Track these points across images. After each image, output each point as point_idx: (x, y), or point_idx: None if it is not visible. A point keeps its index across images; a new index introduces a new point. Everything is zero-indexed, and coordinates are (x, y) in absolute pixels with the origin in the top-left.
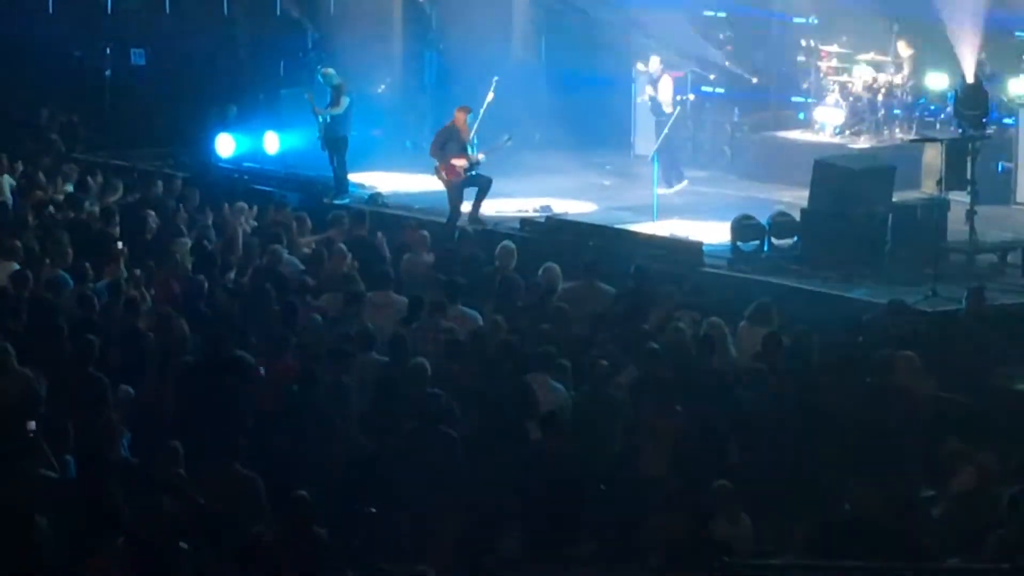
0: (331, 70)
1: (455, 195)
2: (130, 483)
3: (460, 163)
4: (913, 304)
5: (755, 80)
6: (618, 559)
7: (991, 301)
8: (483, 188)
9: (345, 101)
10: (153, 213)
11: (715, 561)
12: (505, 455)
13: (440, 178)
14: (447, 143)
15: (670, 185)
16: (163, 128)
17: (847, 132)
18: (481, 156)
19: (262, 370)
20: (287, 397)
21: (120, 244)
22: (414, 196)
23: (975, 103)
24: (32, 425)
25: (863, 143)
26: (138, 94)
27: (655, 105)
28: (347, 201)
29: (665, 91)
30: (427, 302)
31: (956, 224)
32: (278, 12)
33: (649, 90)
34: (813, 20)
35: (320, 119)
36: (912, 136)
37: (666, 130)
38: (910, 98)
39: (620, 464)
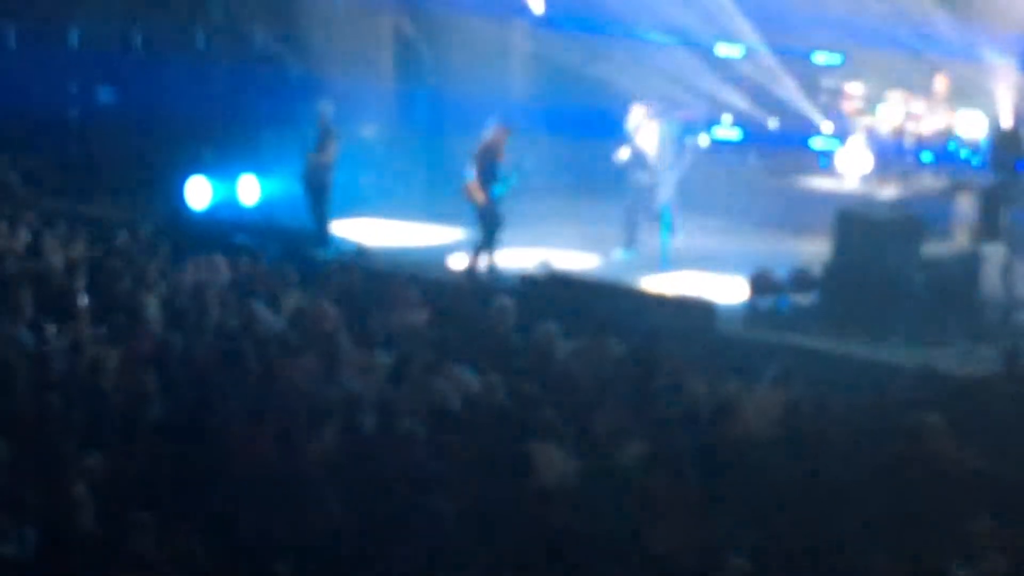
0: (330, 107)
1: (494, 218)
2: (96, 558)
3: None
4: (945, 366)
5: (773, 122)
6: None
7: None
8: (491, 235)
9: (334, 147)
10: (120, 266)
11: None
12: (502, 530)
13: (474, 198)
14: (495, 162)
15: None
16: (133, 173)
17: (872, 179)
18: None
19: (239, 436)
20: (264, 465)
21: (84, 299)
22: (403, 250)
23: (1011, 147)
24: None
25: (890, 191)
26: (106, 136)
27: (637, 159)
28: (329, 254)
29: (648, 140)
30: (417, 362)
31: (991, 279)
32: (258, 47)
33: (623, 152)
34: (835, 58)
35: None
36: (943, 183)
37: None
38: (941, 142)
39: (628, 540)
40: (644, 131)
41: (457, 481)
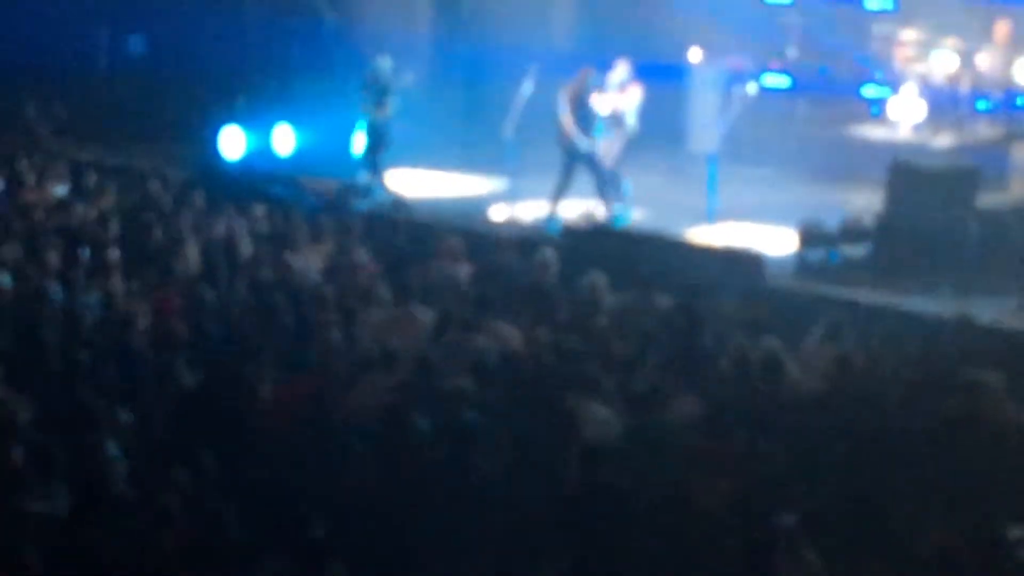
0: (388, 61)
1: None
2: (129, 518)
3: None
4: (1000, 321)
5: (823, 70)
6: None
7: None
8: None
9: (393, 103)
10: (152, 218)
11: None
12: (545, 488)
13: (571, 138)
14: (589, 104)
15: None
16: (164, 123)
17: (927, 128)
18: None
19: (273, 393)
20: (301, 423)
21: (115, 252)
22: (441, 202)
23: None
24: None
25: (945, 140)
26: (136, 85)
27: (615, 119)
28: (366, 205)
29: (631, 101)
30: (457, 318)
31: None
32: None
33: (597, 101)
34: (888, 3)
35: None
36: (1000, 132)
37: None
38: (999, 89)
39: (673, 497)
40: (631, 92)
41: (499, 438)
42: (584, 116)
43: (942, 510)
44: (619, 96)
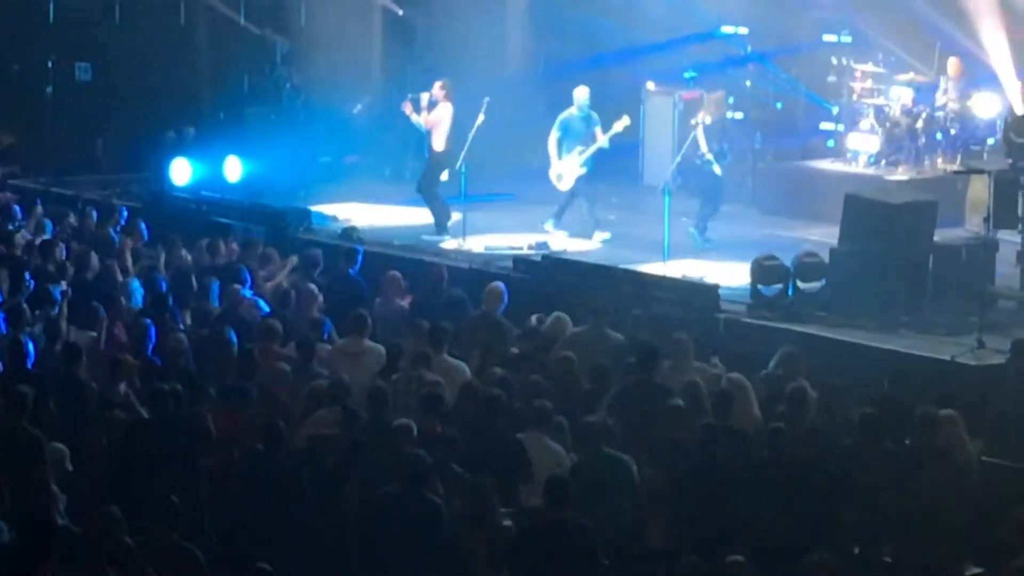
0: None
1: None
2: (69, 552)
3: None
4: (955, 357)
5: (780, 104)
6: None
7: None
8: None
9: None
10: (98, 247)
11: None
12: (495, 521)
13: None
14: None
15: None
16: (111, 152)
17: (883, 162)
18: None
19: (217, 426)
20: (247, 457)
21: (59, 282)
22: (393, 231)
23: None
24: None
25: (901, 174)
26: (83, 114)
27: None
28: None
29: (438, 121)
30: (407, 351)
31: (1006, 267)
32: (242, 22)
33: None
34: (846, 37)
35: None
36: (956, 167)
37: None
38: (955, 124)
39: (625, 534)
40: (437, 111)
41: (451, 473)
42: (723, 142)
43: (899, 546)
44: (427, 117)
